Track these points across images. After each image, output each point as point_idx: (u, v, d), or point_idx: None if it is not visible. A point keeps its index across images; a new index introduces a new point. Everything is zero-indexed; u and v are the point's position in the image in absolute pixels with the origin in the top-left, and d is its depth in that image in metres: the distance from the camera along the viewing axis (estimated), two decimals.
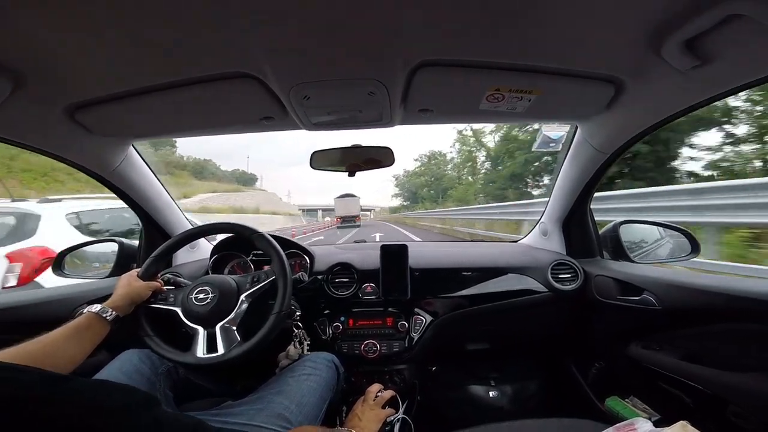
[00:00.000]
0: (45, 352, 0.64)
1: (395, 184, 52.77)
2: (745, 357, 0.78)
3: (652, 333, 1.02)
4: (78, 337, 0.70)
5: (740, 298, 0.75)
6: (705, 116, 6.48)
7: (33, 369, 0.37)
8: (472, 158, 26.93)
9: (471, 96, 0.84)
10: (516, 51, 0.69)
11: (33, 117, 0.80)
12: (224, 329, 0.84)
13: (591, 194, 1.24)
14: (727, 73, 0.66)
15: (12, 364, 0.35)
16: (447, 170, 36.96)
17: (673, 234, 1.26)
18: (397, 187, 52.56)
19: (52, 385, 0.33)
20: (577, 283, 1.23)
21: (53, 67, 0.66)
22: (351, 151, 1.12)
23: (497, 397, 1.39)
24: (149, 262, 0.93)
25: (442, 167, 38.91)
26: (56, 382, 0.34)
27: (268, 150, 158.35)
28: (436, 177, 39.22)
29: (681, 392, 0.90)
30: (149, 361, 0.88)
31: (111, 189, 1.17)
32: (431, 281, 1.27)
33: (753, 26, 0.52)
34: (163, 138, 1.10)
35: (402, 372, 1.26)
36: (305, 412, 0.80)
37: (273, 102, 0.83)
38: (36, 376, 0.34)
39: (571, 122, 1.10)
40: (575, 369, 1.35)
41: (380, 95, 0.81)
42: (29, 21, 0.54)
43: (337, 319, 1.24)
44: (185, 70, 0.72)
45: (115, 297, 0.82)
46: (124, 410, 0.34)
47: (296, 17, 0.56)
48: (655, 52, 0.64)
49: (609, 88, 0.80)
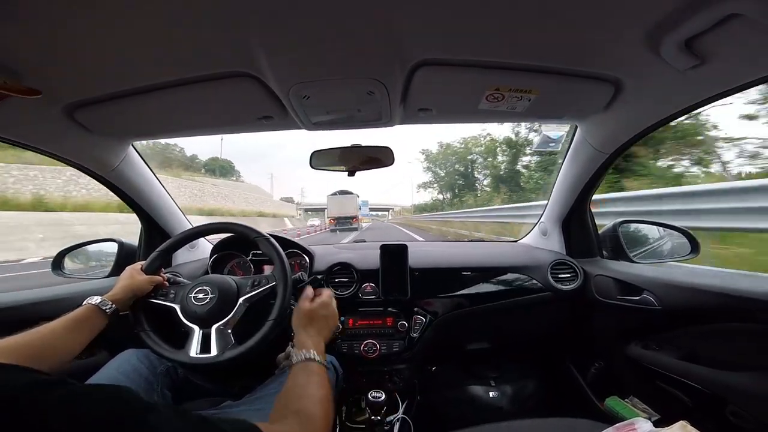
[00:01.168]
0: (43, 342, 0.64)
1: (424, 160, 31.63)
2: (744, 357, 0.78)
3: (651, 333, 1.02)
4: (76, 328, 0.70)
5: (740, 298, 0.75)
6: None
7: (26, 371, 0.35)
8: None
9: (471, 95, 0.84)
10: (515, 50, 0.69)
11: (32, 116, 0.80)
12: (219, 331, 0.84)
13: (591, 194, 1.24)
14: (726, 73, 0.66)
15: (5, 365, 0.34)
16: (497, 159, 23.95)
17: (673, 234, 1.26)
18: (428, 170, 31.66)
19: (44, 391, 0.31)
20: (577, 283, 1.23)
21: (52, 66, 0.66)
22: (351, 150, 1.12)
23: (497, 397, 1.39)
24: (154, 256, 0.93)
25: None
26: (49, 388, 0.32)
27: (282, 154, 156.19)
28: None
29: (681, 392, 0.90)
30: (147, 360, 0.88)
31: (110, 188, 1.17)
32: (431, 281, 1.27)
33: (752, 25, 0.52)
34: (162, 138, 1.10)
35: (402, 372, 1.26)
36: None
37: (272, 101, 0.83)
38: (28, 379, 0.33)
39: (571, 122, 1.10)
40: (575, 369, 1.35)
41: (380, 95, 0.81)
42: (28, 20, 0.54)
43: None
44: (185, 69, 0.72)
45: (116, 289, 0.82)
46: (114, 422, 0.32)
47: (296, 16, 0.56)
48: (654, 51, 0.64)
49: (608, 88, 0.80)
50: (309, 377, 0.62)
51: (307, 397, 0.58)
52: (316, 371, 0.64)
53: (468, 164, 27.74)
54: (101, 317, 0.75)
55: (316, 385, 0.61)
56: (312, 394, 0.59)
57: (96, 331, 0.74)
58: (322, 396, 0.59)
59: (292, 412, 0.54)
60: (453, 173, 29.07)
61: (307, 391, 0.59)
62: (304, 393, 0.59)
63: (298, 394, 0.59)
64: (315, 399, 0.58)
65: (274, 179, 69.50)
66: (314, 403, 0.57)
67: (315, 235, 18.11)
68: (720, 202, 3.06)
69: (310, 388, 0.60)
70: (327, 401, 0.59)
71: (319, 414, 0.55)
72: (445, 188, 30.93)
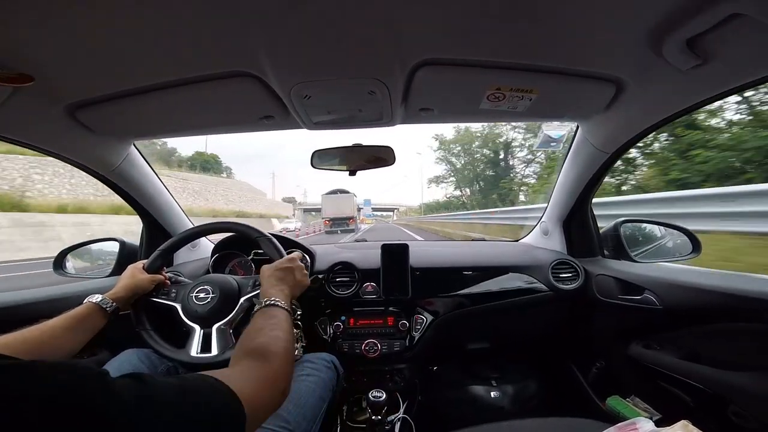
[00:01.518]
0: (42, 339, 0.63)
1: (438, 149, 25.76)
2: (746, 356, 0.78)
3: (653, 332, 1.02)
4: (77, 326, 0.70)
5: (742, 297, 0.75)
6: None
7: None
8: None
9: (472, 95, 0.84)
10: (517, 50, 0.69)
11: (35, 116, 0.81)
12: (220, 330, 0.84)
13: (592, 193, 1.24)
14: (728, 73, 0.66)
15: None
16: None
17: (674, 233, 1.25)
18: (443, 160, 25.86)
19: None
20: (578, 283, 1.22)
21: (55, 66, 0.66)
22: (352, 150, 1.12)
23: (498, 397, 1.39)
24: (156, 255, 0.93)
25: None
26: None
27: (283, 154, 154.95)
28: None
29: (682, 392, 0.90)
30: (148, 360, 0.88)
31: (112, 188, 1.17)
32: (432, 280, 1.27)
33: (753, 25, 0.52)
34: (164, 137, 1.10)
35: (403, 371, 1.26)
36: (304, 412, 0.80)
37: (274, 101, 0.83)
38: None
39: (572, 121, 1.10)
40: (576, 368, 1.35)
41: (381, 94, 0.81)
42: (30, 21, 0.54)
43: (337, 319, 1.24)
44: (186, 69, 0.72)
45: (117, 288, 0.82)
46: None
47: (297, 16, 0.56)
48: (656, 51, 0.64)
49: (610, 88, 0.80)
50: (268, 320, 0.61)
51: (263, 336, 0.56)
52: (275, 314, 0.63)
53: (499, 148, 21.94)
54: (102, 315, 0.75)
55: (275, 326, 0.59)
56: (269, 333, 0.57)
57: (96, 329, 0.74)
58: (279, 336, 0.57)
59: (247, 353, 0.53)
60: (476, 161, 23.83)
61: (264, 331, 0.58)
62: (261, 333, 0.57)
63: (255, 334, 0.57)
64: (271, 337, 0.56)
65: (275, 178, 68.85)
66: (271, 341, 0.55)
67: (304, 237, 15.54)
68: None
69: (268, 329, 0.58)
70: (285, 341, 0.57)
71: (275, 351, 0.53)
72: (463, 182, 25.73)
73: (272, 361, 0.51)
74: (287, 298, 0.71)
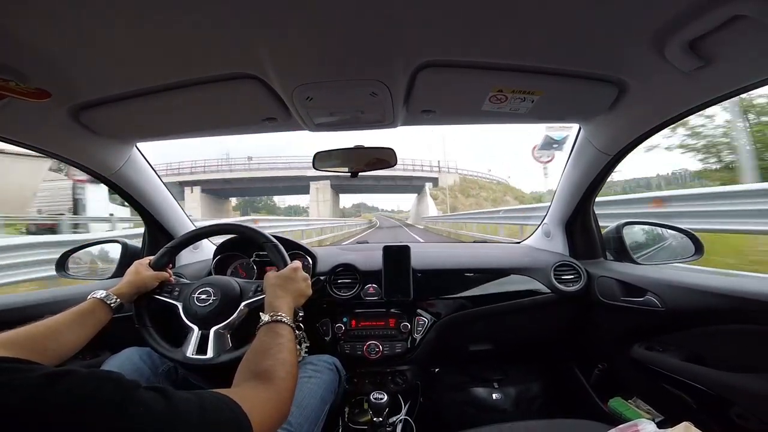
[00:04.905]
0: (47, 335, 0.64)
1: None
2: (748, 358, 0.78)
3: (655, 334, 1.02)
4: (81, 322, 0.70)
5: (745, 299, 0.74)
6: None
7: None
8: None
9: (474, 97, 0.84)
10: (518, 52, 0.69)
11: (37, 118, 0.81)
12: (218, 334, 0.84)
13: (594, 195, 1.24)
14: (730, 74, 0.66)
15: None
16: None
17: (677, 235, 1.25)
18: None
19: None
20: (580, 285, 1.22)
21: (57, 68, 0.66)
22: (354, 151, 1.12)
23: (500, 399, 1.39)
24: (163, 251, 0.93)
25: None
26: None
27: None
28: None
29: (684, 393, 0.90)
30: (150, 360, 0.88)
31: (114, 190, 1.17)
32: (434, 282, 1.27)
33: (757, 27, 0.52)
34: (166, 139, 1.11)
35: (404, 373, 1.26)
36: (306, 414, 0.80)
37: (276, 103, 0.84)
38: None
39: (574, 123, 1.10)
40: (578, 370, 1.34)
41: (383, 96, 0.81)
42: (33, 22, 0.54)
43: (339, 320, 1.24)
44: (189, 71, 0.72)
45: (122, 284, 0.82)
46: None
47: (299, 18, 0.56)
48: (658, 53, 0.64)
49: (612, 89, 0.80)
50: (274, 339, 0.62)
51: (271, 358, 0.57)
52: (282, 333, 0.64)
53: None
54: (106, 311, 0.76)
55: (282, 348, 0.60)
56: (277, 356, 0.58)
57: (100, 325, 0.74)
58: (287, 359, 0.58)
59: (255, 374, 0.54)
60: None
61: (272, 352, 0.59)
62: (269, 355, 0.58)
63: (263, 356, 0.58)
64: (278, 360, 0.57)
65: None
66: (278, 364, 0.56)
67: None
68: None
69: (275, 350, 0.59)
70: (291, 365, 0.58)
71: (282, 376, 0.54)
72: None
73: (279, 385, 0.53)
74: (291, 310, 0.72)
